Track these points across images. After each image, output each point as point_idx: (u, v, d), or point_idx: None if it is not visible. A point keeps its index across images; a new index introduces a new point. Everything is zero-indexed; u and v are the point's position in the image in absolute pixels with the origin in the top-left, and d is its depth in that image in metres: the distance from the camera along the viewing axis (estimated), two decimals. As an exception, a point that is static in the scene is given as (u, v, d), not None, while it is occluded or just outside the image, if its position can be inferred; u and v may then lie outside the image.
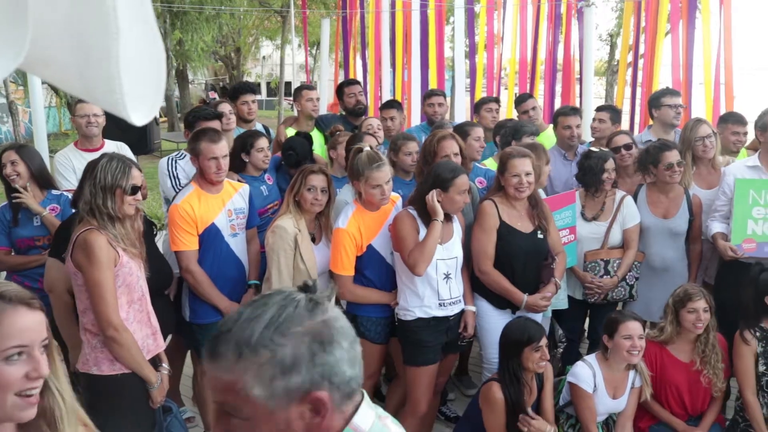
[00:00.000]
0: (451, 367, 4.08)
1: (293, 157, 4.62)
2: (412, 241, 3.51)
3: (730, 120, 5.02)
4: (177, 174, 4.35)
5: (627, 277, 4.39)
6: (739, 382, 3.78)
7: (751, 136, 4.79)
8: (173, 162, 4.46)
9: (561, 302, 4.30)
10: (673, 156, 4.30)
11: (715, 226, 4.39)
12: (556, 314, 4.39)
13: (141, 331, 3.06)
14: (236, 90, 5.61)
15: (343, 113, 6.01)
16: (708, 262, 4.63)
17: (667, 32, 7.06)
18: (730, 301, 3.94)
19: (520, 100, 5.65)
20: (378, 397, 4.56)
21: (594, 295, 4.38)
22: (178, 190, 4.03)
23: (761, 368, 3.72)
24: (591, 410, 3.61)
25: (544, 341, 3.42)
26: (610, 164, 4.31)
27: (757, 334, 3.76)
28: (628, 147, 4.75)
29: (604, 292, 4.37)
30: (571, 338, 4.56)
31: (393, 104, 5.92)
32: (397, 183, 4.27)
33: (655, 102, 5.32)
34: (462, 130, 4.54)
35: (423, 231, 3.54)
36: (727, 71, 6.41)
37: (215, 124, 4.32)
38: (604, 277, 4.36)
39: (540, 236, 3.87)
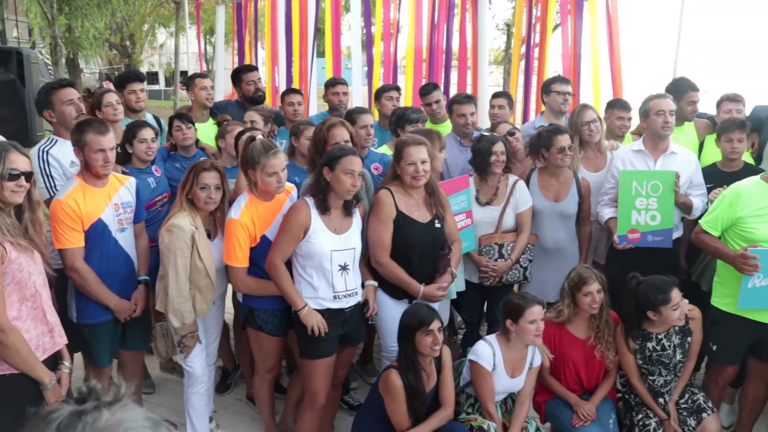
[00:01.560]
0: (350, 359, 4.04)
1: None
2: (291, 237, 3.47)
3: (616, 106, 5.20)
4: (50, 172, 3.99)
5: (521, 259, 4.50)
6: (625, 371, 3.98)
7: (636, 121, 4.99)
8: (44, 155, 4.04)
9: (458, 284, 4.32)
10: (564, 140, 4.43)
11: (607, 212, 4.57)
12: (455, 300, 4.43)
13: (36, 329, 2.90)
14: (122, 79, 5.35)
15: (239, 101, 5.87)
16: (597, 242, 4.80)
17: (558, 24, 7.28)
18: (619, 279, 4.10)
19: (425, 92, 5.64)
20: (279, 391, 4.50)
21: (489, 278, 4.46)
22: (53, 193, 3.80)
23: (639, 361, 3.92)
24: (490, 388, 3.68)
25: (435, 325, 3.42)
26: (498, 147, 4.37)
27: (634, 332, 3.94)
28: (511, 133, 4.87)
29: (499, 275, 4.45)
30: (470, 321, 4.64)
31: (296, 90, 5.85)
32: (294, 170, 4.21)
33: (545, 89, 5.48)
34: (350, 118, 4.49)
35: (316, 219, 3.49)
36: (614, 60, 6.69)
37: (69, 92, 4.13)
38: (499, 260, 4.44)
39: (437, 225, 3.86)
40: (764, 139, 4.93)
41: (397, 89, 5.82)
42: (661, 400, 3.93)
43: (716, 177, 4.41)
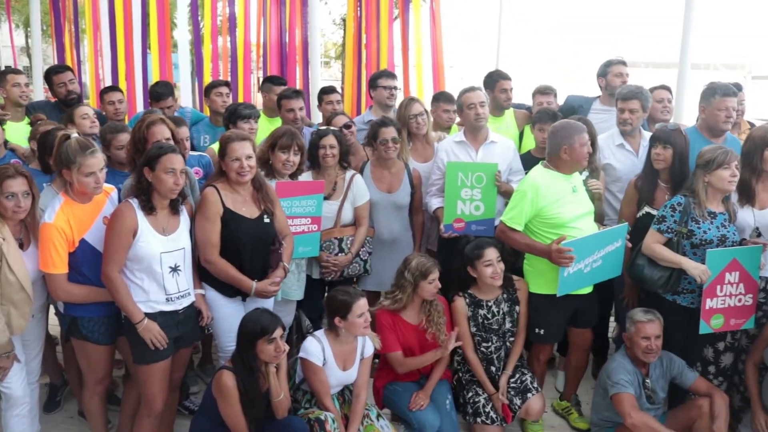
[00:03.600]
0: (185, 361, 3.90)
1: None
2: (121, 243, 3.31)
3: (441, 99, 5.43)
4: None
5: (360, 252, 4.57)
6: (461, 341, 4.14)
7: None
8: None
9: (295, 293, 4.31)
10: (389, 132, 4.56)
11: (435, 202, 4.75)
12: (300, 301, 4.40)
13: None
14: None
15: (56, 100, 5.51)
16: (429, 231, 4.98)
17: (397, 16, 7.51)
18: (450, 265, 4.30)
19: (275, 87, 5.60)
20: (113, 402, 4.27)
21: (330, 273, 4.50)
22: None
23: (472, 329, 4.15)
24: (323, 383, 3.71)
25: (278, 333, 3.40)
26: (327, 140, 4.40)
27: (467, 300, 4.16)
28: (347, 126, 4.94)
29: (340, 270, 4.50)
30: (314, 318, 4.65)
31: (115, 88, 5.61)
32: (114, 175, 4.00)
33: (372, 83, 5.61)
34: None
35: (143, 221, 3.34)
36: (438, 54, 6.99)
37: None
38: (339, 254, 4.49)
39: (266, 220, 3.81)
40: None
41: (227, 84, 5.71)
42: (492, 367, 4.18)
43: (531, 163, 4.69)
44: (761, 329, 4.01)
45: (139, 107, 7.09)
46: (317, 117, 5.92)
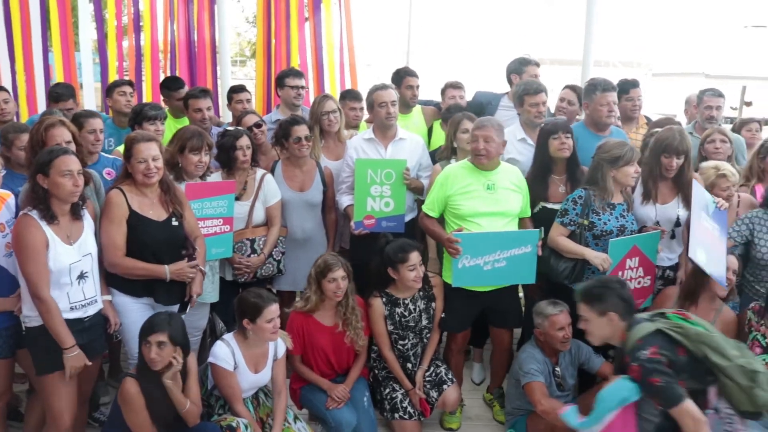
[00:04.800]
0: (95, 373, 3.78)
1: None
2: (38, 253, 3.17)
3: (347, 97, 5.47)
4: None
5: (273, 252, 4.54)
6: (377, 342, 4.21)
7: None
8: None
9: (210, 296, 4.24)
10: (301, 130, 4.55)
11: (345, 200, 4.77)
12: (213, 304, 4.34)
13: None
14: None
15: None
16: (343, 229, 4.99)
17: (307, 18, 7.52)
18: (364, 263, 4.32)
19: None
20: (16, 418, 4.10)
21: (243, 274, 4.44)
22: None
23: (390, 327, 4.18)
24: (233, 387, 3.67)
25: (158, 337, 3.31)
26: (242, 141, 4.36)
27: (384, 299, 4.19)
28: (258, 125, 4.90)
29: (253, 271, 4.46)
30: (228, 320, 4.57)
31: (1, 87, 5.34)
32: (13, 178, 3.83)
33: (279, 82, 5.58)
34: (77, 121, 4.20)
35: (48, 232, 3.20)
36: (351, 53, 7.03)
37: None
38: (252, 255, 4.45)
39: (175, 223, 3.73)
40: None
41: (130, 84, 5.56)
42: (409, 364, 4.22)
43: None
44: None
45: (41, 108, 6.79)
46: (228, 116, 5.84)
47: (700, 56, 27.20)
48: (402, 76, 5.53)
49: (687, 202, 4.10)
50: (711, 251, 3.87)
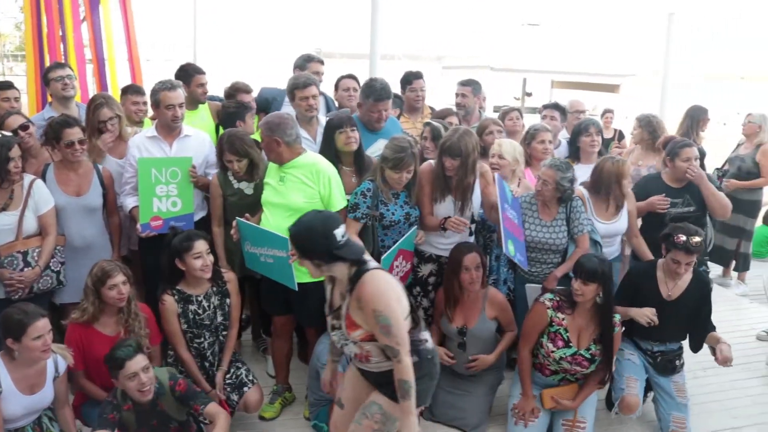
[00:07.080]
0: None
1: None
2: None
3: (129, 92, 5.27)
4: None
5: (51, 263, 4.22)
6: (171, 342, 4.08)
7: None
8: None
9: None
10: (74, 134, 4.26)
11: (130, 202, 4.55)
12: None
13: None
14: None
15: None
16: (130, 231, 4.75)
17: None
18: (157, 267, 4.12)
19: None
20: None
21: (17, 291, 4.07)
22: None
23: (184, 326, 4.04)
24: None
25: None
26: (15, 152, 4.03)
27: (176, 296, 4.03)
28: (25, 127, 4.51)
29: (28, 285, 4.10)
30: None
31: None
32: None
33: (45, 80, 5.28)
34: None
35: None
36: (133, 48, 6.74)
37: None
38: (26, 269, 4.09)
39: None
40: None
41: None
42: (206, 363, 4.13)
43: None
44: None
45: None
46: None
47: (485, 51, 29.23)
48: (191, 74, 5.32)
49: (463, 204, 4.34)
50: (516, 241, 4.23)
